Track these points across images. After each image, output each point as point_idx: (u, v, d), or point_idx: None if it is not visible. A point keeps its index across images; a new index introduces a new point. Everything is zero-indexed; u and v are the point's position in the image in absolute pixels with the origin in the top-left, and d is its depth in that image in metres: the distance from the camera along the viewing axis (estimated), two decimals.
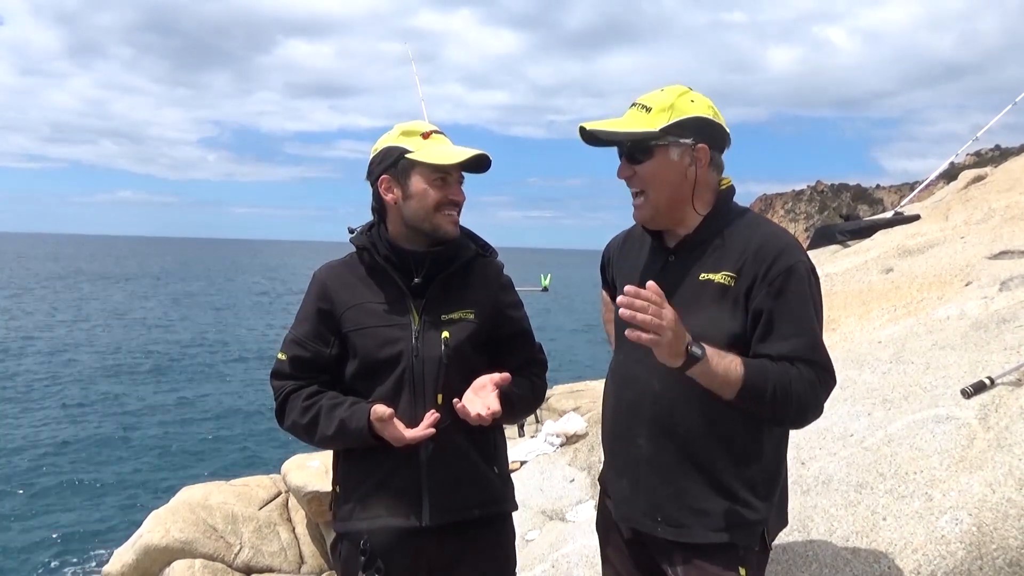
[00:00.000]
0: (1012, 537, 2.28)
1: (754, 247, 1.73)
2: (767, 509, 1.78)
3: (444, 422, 1.89)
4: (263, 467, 10.77)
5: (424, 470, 1.92)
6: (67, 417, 16.73)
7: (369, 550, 1.92)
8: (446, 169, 1.93)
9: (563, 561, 3.24)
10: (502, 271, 2.11)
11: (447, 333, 1.93)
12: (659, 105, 1.76)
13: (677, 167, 1.77)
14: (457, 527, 1.94)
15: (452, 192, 1.95)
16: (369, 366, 1.96)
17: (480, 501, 1.97)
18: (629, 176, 1.81)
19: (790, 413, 1.67)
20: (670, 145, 1.76)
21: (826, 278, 5.48)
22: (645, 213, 1.82)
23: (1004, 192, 6.14)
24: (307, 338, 2.00)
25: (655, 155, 1.76)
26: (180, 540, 5.44)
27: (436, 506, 1.92)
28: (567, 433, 5.18)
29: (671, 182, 1.77)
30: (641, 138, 1.76)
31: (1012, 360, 2.99)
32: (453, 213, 1.96)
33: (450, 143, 1.98)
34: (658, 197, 1.79)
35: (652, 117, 1.75)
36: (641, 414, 1.81)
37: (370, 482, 1.95)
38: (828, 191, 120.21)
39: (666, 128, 1.74)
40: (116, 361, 24.04)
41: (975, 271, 4.32)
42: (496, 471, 2.03)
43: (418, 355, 1.92)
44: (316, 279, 2.07)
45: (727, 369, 1.60)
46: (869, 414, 3.07)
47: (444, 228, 1.95)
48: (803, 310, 1.70)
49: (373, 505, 1.94)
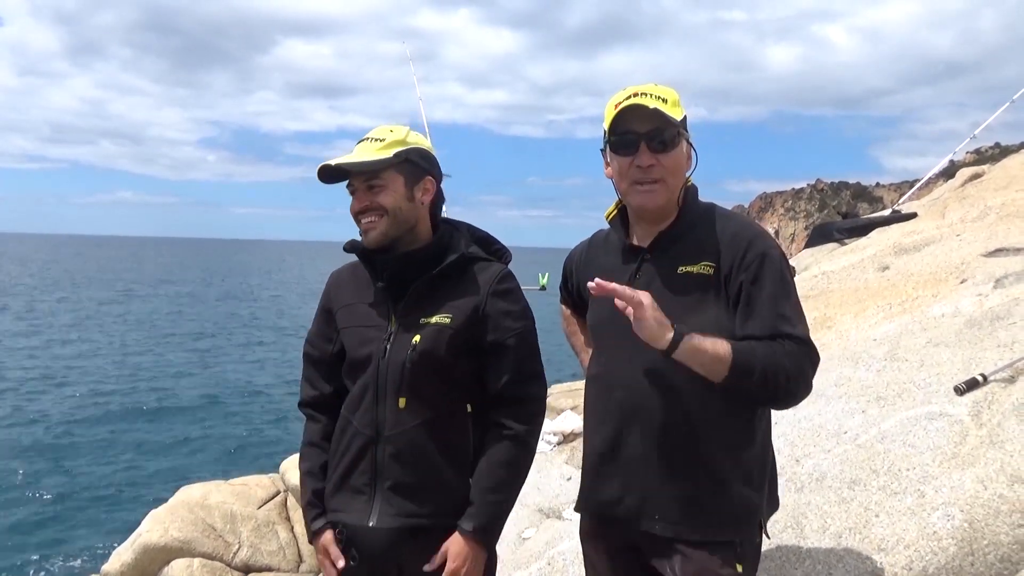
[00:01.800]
0: (1003, 533, 2.30)
1: (728, 236, 1.78)
2: (761, 498, 1.81)
3: (404, 425, 1.90)
4: (262, 466, 10.78)
5: (379, 472, 1.92)
6: (65, 416, 16.72)
7: (344, 539, 1.95)
8: (341, 179, 1.96)
9: (559, 559, 3.25)
10: (504, 277, 1.99)
11: (418, 337, 1.90)
12: (673, 98, 1.80)
13: (685, 159, 1.84)
14: (409, 532, 1.89)
15: (353, 204, 1.96)
16: (350, 364, 2.01)
17: (434, 511, 1.90)
18: (651, 164, 1.79)
19: (780, 389, 1.70)
20: (684, 138, 1.82)
21: (823, 276, 5.49)
22: (659, 199, 1.82)
23: (1000, 190, 6.15)
24: (315, 336, 2.11)
25: (678, 145, 1.81)
26: (179, 539, 5.45)
27: (385, 509, 1.90)
28: (564, 432, 5.19)
29: (682, 174, 1.84)
30: (673, 124, 1.78)
31: (1005, 357, 3.00)
32: (369, 220, 1.93)
33: (361, 147, 1.95)
34: (675, 186, 1.83)
35: (671, 108, 1.77)
36: (633, 413, 1.82)
37: (335, 477, 2.00)
38: (828, 189, 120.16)
39: (682, 120, 1.80)
40: (115, 360, 24.03)
41: (970, 269, 4.33)
42: (469, 481, 1.94)
43: (385, 356, 1.92)
44: (328, 279, 2.17)
45: (715, 347, 1.65)
46: (863, 411, 3.08)
47: (365, 236, 1.96)
48: (782, 291, 1.74)
49: (337, 499, 1.98)
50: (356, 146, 1.96)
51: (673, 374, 1.72)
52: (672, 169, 1.80)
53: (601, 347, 1.95)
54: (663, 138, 1.77)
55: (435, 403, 1.92)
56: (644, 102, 1.75)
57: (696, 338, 1.64)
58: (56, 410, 17.28)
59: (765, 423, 1.85)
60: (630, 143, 1.79)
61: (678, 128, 1.78)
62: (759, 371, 1.65)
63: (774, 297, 1.72)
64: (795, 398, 1.75)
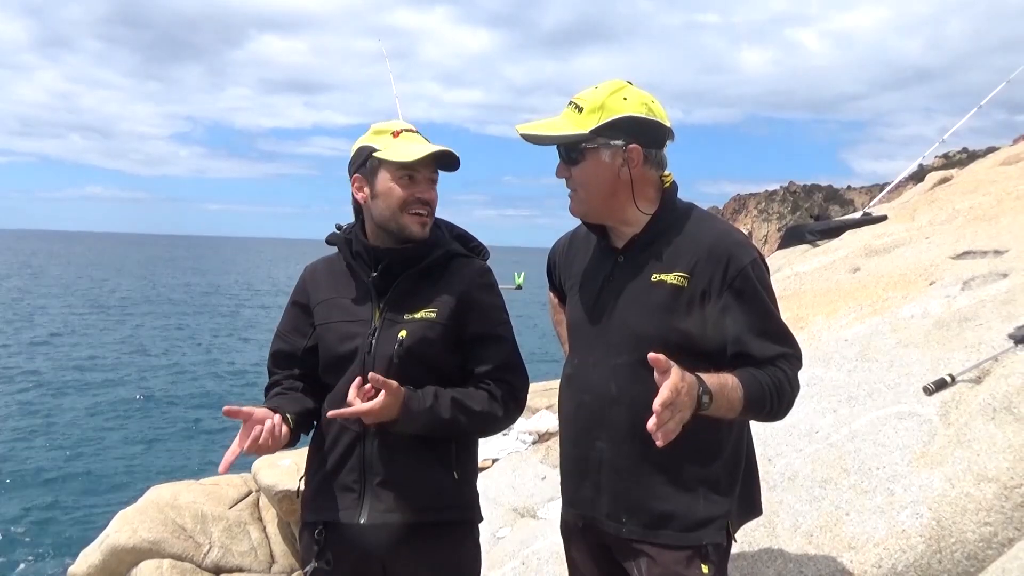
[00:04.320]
0: (970, 531, 2.34)
1: (706, 247, 1.75)
2: (729, 503, 1.81)
3: None
4: (233, 466, 10.64)
5: (367, 468, 1.91)
6: (31, 415, 16.41)
7: (322, 541, 1.92)
8: (411, 166, 1.90)
9: (533, 558, 3.25)
10: (484, 272, 2.03)
11: (404, 332, 1.90)
12: (590, 105, 1.76)
13: (609, 168, 1.77)
14: (399, 528, 1.89)
15: (419, 190, 1.92)
16: (330, 361, 1.98)
17: (423, 506, 1.90)
18: (567, 177, 1.83)
19: (781, 414, 1.75)
20: (600, 147, 1.76)
21: (795, 277, 5.55)
22: (575, 208, 1.85)
23: (968, 194, 6.26)
24: (286, 331, 2.08)
25: (587, 157, 1.78)
26: (148, 540, 5.36)
27: (374, 505, 1.89)
28: (539, 431, 5.20)
29: (603, 183, 1.78)
30: (571, 141, 1.77)
31: (972, 358, 3.05)
32: (421, 213, 1.93)
33: (423, 141, 1.96)
34: (590, 197, 1.81)
35: (583, 118, 1.76)
36: (600, 417, 1.82)
37: (321, 475, 1.97)
38: (800, 192, 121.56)
39: (596, 130, 1.75)
40: (82, 358, 23.63)
41: (939, 271, 4.40)
42: (456, 476, 1.95)
43: (371, 352, 1.91)
44: (301, 274, 2.13)
45: (729, 401, 1.62)
46: (835, 411, 3.12)
47: (410, 228, 1.93)
48: (767, 305, 1.74)
49: (324, 497, 1.95)
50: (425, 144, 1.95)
51: (640, 381, 1.71)
52: (583, 181, 1.80)
53: (575, 348, 1.95)
54: (567, 153, 1.81)
55: None
56: (545, 127, 1.79)
57: (716, 404, 1.58)
58: (21, 408, 16.95)
59: (738, 430, 1.85)
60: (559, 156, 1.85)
61: (582, 141, 1.76)
62: (767, 410, 1.69)
63: (764, 313, 1.73)
64: (788, 412, 1.78)
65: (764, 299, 1.74)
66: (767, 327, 1.72)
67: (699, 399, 1.54)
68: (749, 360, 1.70)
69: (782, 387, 1.69)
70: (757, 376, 1.68)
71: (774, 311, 1.76)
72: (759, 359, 1.70)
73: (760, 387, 1.67)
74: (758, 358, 1.70)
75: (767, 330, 1.72)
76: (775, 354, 1.71)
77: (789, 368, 1.72)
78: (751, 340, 1.70)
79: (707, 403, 1.56)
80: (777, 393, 1.68)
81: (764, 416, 1.73)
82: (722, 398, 1.60)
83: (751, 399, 1.65)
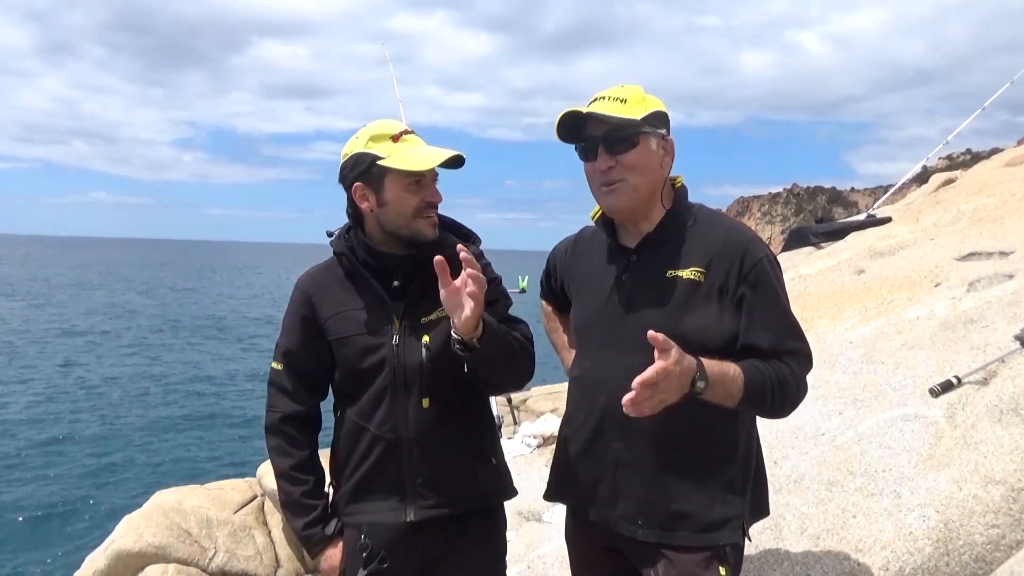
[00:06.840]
0: (978, 533, 2.33)
1: (721, 241, 1.76)
2: (743, 504, 1.81)
3: (430, 424, 1.92)
4: (238, 470, 10.65)
5: (407, 468, 1.92)
6: (37, 421, 16.43)
7: (369, 545, 1.93)
8: (420, 173, 1.90)
9: (539, 562, 3.25)
10: (482, 255, 2.01)
11: (427, 337, 1.91)
12: (633, 96, 1.77)
13: (655, 156, 1.80)
14: (443, 521, 1.94)
15: (428, 194, 1.92)
16: (353, 375, 1.97)
17: (466, 497, 1.96)
18: (610, 166, 1.78)
19: (784, 410, 1.73)
20: (650, 134, 1.78)
21: (800, 279, 5.54)
22: (623, 200, 1.80)
23: (972, 195, 6.24)
24: (299, 347, 2.02)
25: (639, 143, 1.77)
26: (153, 545, 5.36)
27: (419, 503, 1.92)
28: (544, 434, 5.19)
29: (651, 171, 1.80)
30: (628, 124, 1.76)
31: (978, 360, 3.04)
32: (431, 215, 1.94)
33: (421, 143, 1.95)
34: (639, 185, 1.79)
35: (630, 107, 1.76)
36: (615, 418, 1.80)
37: (352, 482, 1.98)
38: (804, 194, 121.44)
39: (646, 118, 1.76)
40: (87, 363, 23.68)
41: (944, 272, 4.39)
42: (493, 461, 2.04)
43: (400, 362, 1.92)
44: (298, 287, 2.06)
45: (727, 389, 1.62)
46: (840, 413, 3.11)
47: (423, 232, 1.93)
48: (780, 299, 1.75)
49: (363, 499, 1.97)
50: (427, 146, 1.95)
51: None
52: (633, 167, 1.78)
53: (585, 349, 1.94)
54: (619, 137, 1.77)
55: (457, 396, 1.95)
56: (595, 108, 1.76)
57: (712, 388, 1.58)
58: (27, 415, 16.97)
59: (748, 430, 1.85)
60: (591, 148, 1.81)
61: (637, 127, 1.75)
62: (768, 402, 1.68)
63: (774, 307, 1.73)
64: (793, 410, 1.76)
65: (778, 293, 1.75)
66: (778, 321, 1.73)
67: (693, 383, 1.53)
68: (757, 352, 1.70)
69: (786, 382, 1.68)
70: (760, 368, 1.67)
71: (787, 306, 1.76)
72: (766, 352, 1.69)
73: (762, 379, 1.65)
74: (765, 351, 1.69)
75: (778, 324, 1.72)
76: (783, 349, 1.71)
77: (796, 365, 1.71)
78: (760, 332, 1.70)
79: (701, 388, 1.55)
80: (780, 388, 1.67)
81: (765, 411, 1.71)
82: (719, 385, 1.59)
83: (751, 390, 1.64)
